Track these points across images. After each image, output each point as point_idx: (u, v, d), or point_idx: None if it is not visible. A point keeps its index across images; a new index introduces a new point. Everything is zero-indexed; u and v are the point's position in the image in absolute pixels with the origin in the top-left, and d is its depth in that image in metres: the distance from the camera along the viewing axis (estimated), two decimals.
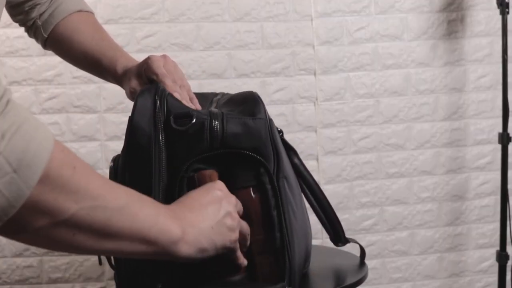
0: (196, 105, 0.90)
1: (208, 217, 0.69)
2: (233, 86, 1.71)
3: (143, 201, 0.63)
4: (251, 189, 0.78)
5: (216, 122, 0.77)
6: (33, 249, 1.67)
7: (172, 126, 0.77)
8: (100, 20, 1.64)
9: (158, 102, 0.79)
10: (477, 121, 1.83)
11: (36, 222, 0.51)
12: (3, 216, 0.48)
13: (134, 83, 0.94)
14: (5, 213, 0.48)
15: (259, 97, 0.84)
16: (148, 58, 0.94)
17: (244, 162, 0.78)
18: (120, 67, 0.99)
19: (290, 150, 0.92)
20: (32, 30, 1.05)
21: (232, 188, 0.76)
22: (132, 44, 1.67)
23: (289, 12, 1.73)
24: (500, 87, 1.71)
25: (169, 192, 0.76)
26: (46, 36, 1.03)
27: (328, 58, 1.75)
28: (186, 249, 0.65)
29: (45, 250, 1.67)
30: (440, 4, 1.79)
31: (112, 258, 0.84)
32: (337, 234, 1.01)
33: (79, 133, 1.67)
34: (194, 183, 0.76)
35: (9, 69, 1.63)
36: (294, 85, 1.74)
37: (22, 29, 1.07)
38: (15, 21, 1.06)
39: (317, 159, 1.76)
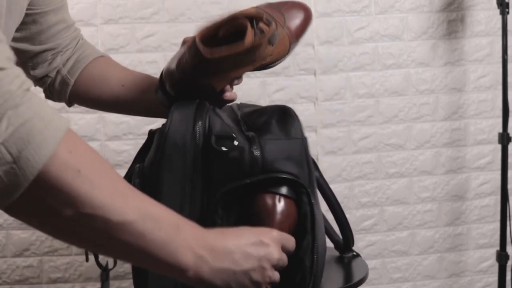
0: None
1: (234, 262, 0.65)
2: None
3: (159, 221, 0.59)
4: (294, 204, 0.77)
5: (257, 151, 0.75)
6: (33, 249, 1.67)
7: (213, 146, 0.74)
8: (100, 20, 1.65)
9: (199, 120, 0.76)
10: (477, 121, 1.83)
11: (36, 213, 0.53)
12: (3, 200, 0.50)
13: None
14: (5, 198, 0.50)
15: (294, 113, 0.82)
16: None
17: (283, 183, 0.77)
18: None
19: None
20: (57, 81, 1.00)
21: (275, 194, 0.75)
22: (132, 44, 1.67)
23: None
24: (500, 87, 1.71)
25: (203, 213, 0.74)
26: (72, 81, 0.99)
27: (328, 58, 1.75)
28: (192, 280, 0.62)
29: (45, 250, 1.67)
30: (440, 4, 1.79)
31: (98, 256, 0.82)
32: (347, 244, 1.03)
33: (79, 133, 1.67)
34: (230, 206, 0.74)
35: None
36: (294, 85, 1.74)
37: None
38: (33, 74, 0.99)
39: (317, 159, 1.75)
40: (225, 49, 0.75)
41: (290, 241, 0.73)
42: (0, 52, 0.51)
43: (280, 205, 0.76)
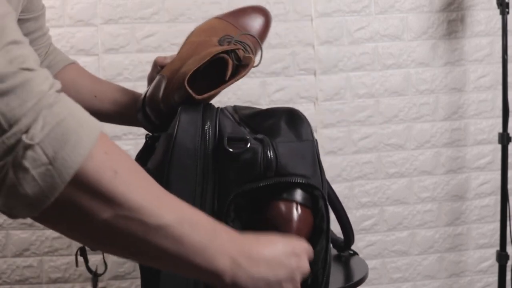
0: None
1: (270, 270, 0.63)
2: (233, 86, 1.70)
3: (196, 225, 0.57)
4: (310, 211, 0.76)
5: (271, 153, 0.74)
6: (33, 249, 1.67)
7: (225, 148, 0.74)
8: (100, 20, 1.65)
9: (207, 121, 0.76)
10: (477, 121, 1.83)
11: (71, 217, 0.51)
12: (38, 205, 0.48)
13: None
14: (40, 203, 0.48)
15: (303, 115, 0.82)
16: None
17: (297, 187, 0.76)
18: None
19: None
20: None
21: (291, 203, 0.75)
22: (132, 44, 1.67)
23: (289, 12, 1.73)
24: (500, 87, 1.71)
25: (213, 215, 0.72)
26: None
27: (328, 58, 1.75)
28: (228, 285, 0.61)
29: (45, 250, 1.67)
30: (440, 4, 1.79)
31: (88, 261, 0.83)
32: (347, 243, 1.03)
33: None
34: (241, 209, 0.74)
35: None
36: (294, 85, 1.74)
37: None
38: None
39: None
40: (214, 92, 0.80)
41: (312, 251, 0.72)
42: (28, 54, 0.50)
43: (298, 212, 0.75)
